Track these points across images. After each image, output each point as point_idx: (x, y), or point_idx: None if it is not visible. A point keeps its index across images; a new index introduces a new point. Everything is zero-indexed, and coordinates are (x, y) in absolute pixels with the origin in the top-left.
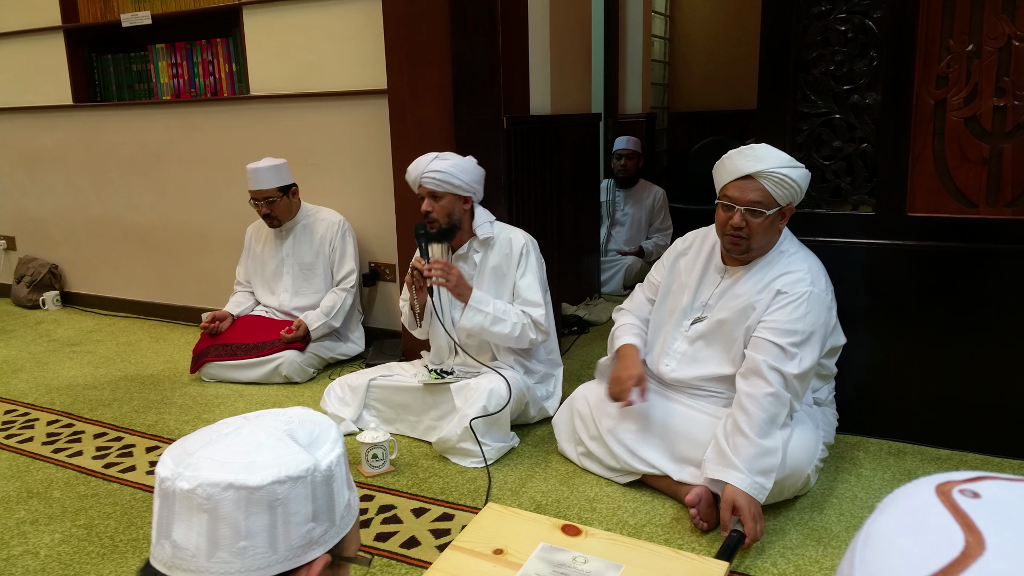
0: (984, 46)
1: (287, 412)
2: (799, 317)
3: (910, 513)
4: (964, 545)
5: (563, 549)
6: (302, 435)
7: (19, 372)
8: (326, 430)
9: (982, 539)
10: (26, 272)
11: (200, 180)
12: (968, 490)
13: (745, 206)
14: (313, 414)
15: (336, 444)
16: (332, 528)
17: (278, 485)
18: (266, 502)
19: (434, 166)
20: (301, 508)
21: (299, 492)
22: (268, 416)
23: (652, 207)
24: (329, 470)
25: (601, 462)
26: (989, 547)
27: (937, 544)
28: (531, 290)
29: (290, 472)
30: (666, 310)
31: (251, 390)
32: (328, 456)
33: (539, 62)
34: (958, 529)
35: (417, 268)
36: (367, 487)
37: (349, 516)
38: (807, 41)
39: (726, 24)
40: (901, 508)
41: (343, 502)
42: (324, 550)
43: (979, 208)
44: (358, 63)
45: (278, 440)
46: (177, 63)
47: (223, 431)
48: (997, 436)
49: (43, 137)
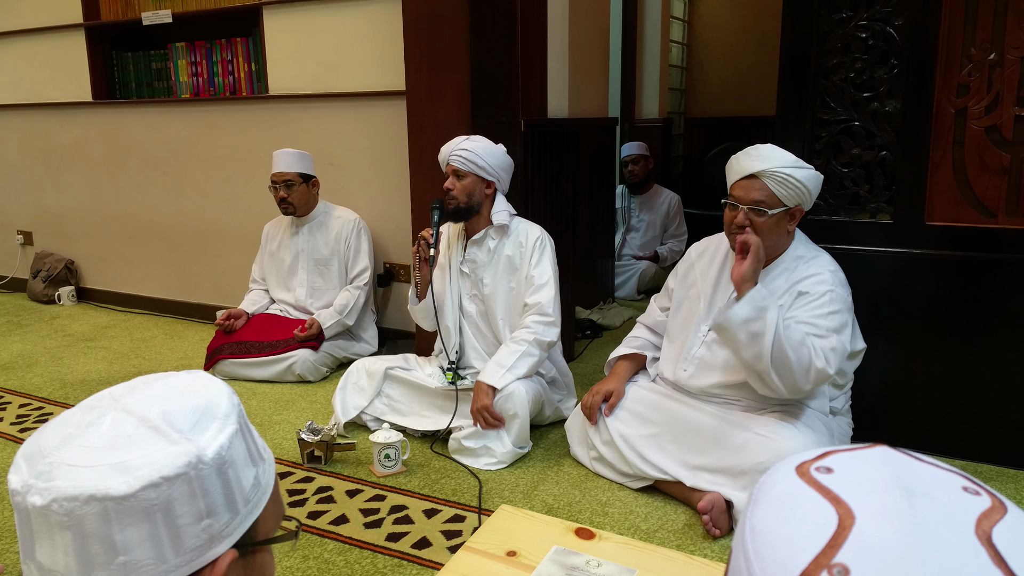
0: (1006, 55)
1: (167, 384)
2: (823, 315)
3: (783, 499)
4: (838, 519)
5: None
6: (181, 419)
7: (34, 366)
8: (213, 405)
9: (850, 509)
10: (42, 267)
11: (218, 178)
12: (822, 467)
13: (748, 205)
14: (199, 385)
15: (227, 421)
16: (236, 518)
17: (150, 490)
18: (140, 511)
19: (463, 145)
20: (188, 508)
21: (181, 492)
22: (140, 394)
23: (667, 213)
24: (219, 457)
25: (613, 467)
26: (858, 515)
27: (816, 523)
28: (542, 276)
29: (164, 472)
30: (682, 317)
31: (264, 388)
32: (216, 440)
33: (557, 65)
34: (828, 505)
35: (424, 237)
36: (379, 487)
37: (258, 495)
38: (827, 48)
39: (744, 30)
40: (774, 496)
41: (247, 484)
42: (230, 544)
43: (998, 218)
44: (377, 64)
45: (150, 430)
46: (197, 62)
47: (85, 419)
48: (1014, 447)
49: (62, 134)
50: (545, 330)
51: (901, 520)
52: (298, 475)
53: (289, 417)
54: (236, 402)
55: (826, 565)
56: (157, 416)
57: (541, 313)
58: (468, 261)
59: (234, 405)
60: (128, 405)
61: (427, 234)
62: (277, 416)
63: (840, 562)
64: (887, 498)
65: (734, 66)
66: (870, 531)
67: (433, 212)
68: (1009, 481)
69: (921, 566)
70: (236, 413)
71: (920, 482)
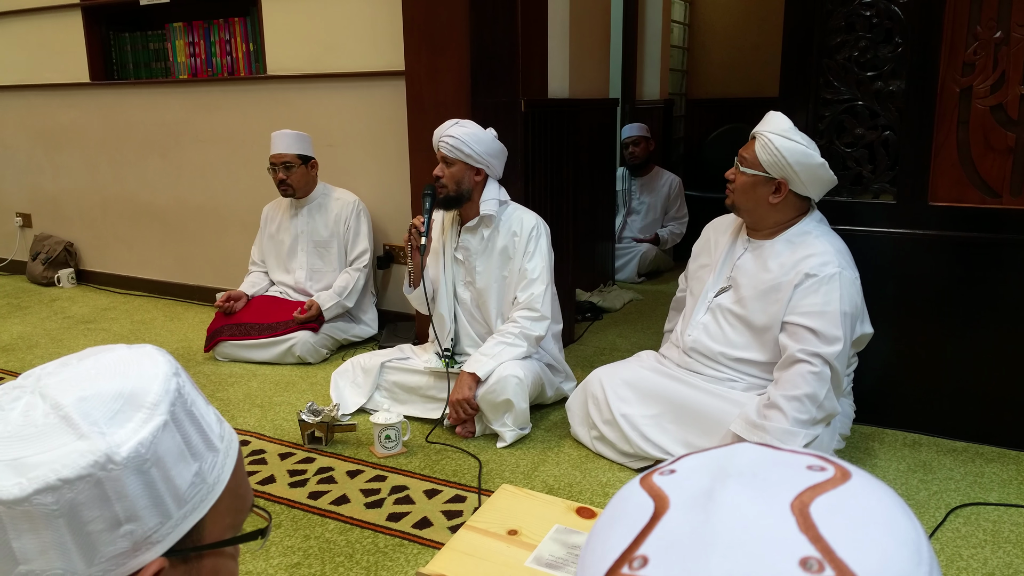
0: (1012, 33)
1: (100, 362)
2: (831, 299)
3: (614, 505)
4: (652, 510)
5: (578, 531)
6: (97, 408)
7: (34, 348)
8: (141, 391)
9: (667, 500)
10: (41, 249)
11: (216, 160)
12: (667, 470)
13: (738, 159)
14: (132, 364)
15: (154, 411)
16: (168, 522)
17: (46, 494)
18: (37, 516)
19: (450, 131)
20: (99, 513)
21: (87, 495)
22: (65, 374)
23: (668, 195)
24: (137, 456)
25: (614, 447)
26: (672, 503)
27: (630, 519)
28: (535, 269)
29: (64, 473)
30: (696, 288)
31: (265, 370)
32: (136, 434)
33: (558, 45)
34: (649, 500)
35: (415, 225)
36: (380, 468)
37: (200, 494)
38: (831, 27)
39: (746, 10)
40: (610, 504)
41: (182, 483)
42: (162, 550)
43: (1003, 198)
44: (376, 44)
45: (59, 420)
46: (194, 42)
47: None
48: (1015, 429)
49: (60, 115)
50: (532, 325)
51: (707, 503)
52: (299, 456)
53: (290, 398)
54: (174, 386)
55: (630, 558)
56: (71, 403)
57: (530, 308)
58: (462, 248)
59: (168, 391)
60: (45, 387)
61: (418, 222)
62: (278, 397)
63: (641, 553)
64: (702, 484)
65: (736, 46)
66: (675, 519)
67: (425, 199)
68: (1011, 462)
69: (714, 545)
70: (169, 400)
71: (752, 466)
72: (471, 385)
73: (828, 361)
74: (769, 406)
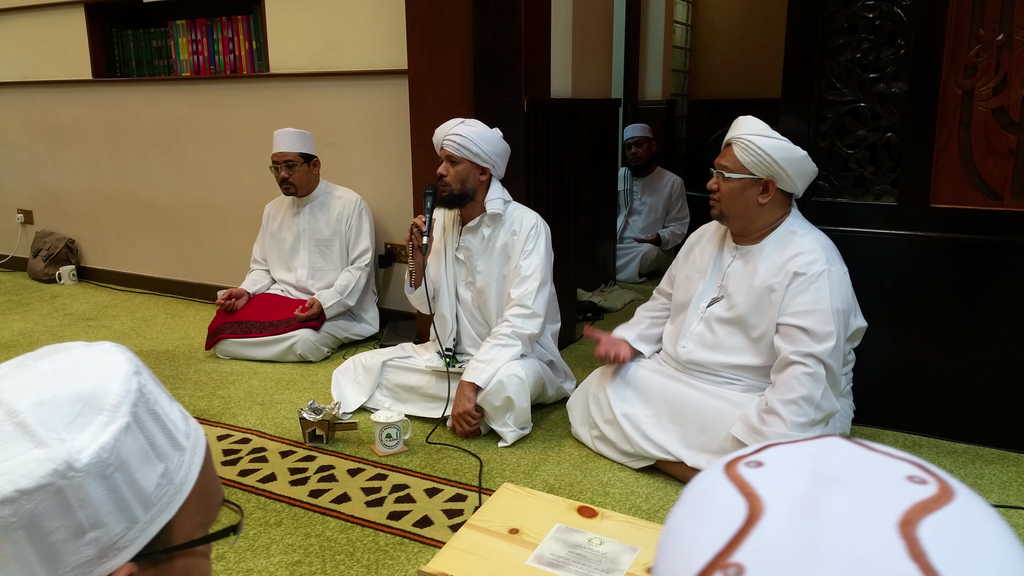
0: (1015, 35)
1: (58, 362)
2: (821, 297)
3: (699, 496)
4: (746, 513)
5: (579, 530)
6: (55, 413)
7: (35, 345)
8: (101, 393)
9: (761, 502)
10: (43, 246)
11: (218, 158)
12: (752, 461)
13: (717, 169)
14: (91, 364)
15: (115, 413)
16: (135, 526)
17: (3, 507)
18: None
19: (457, 130)
20: (61, 523)
21: (47, 506)
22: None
23: (669, 196)
24: (99, 461)
25: (615, 446)
26: (768, 507)
27: (722, 518)
28: (529, 267)
29: (21, 484)
30: (683, 296)
31: (266, 367)
32: (98, 439)
33: (561, 45)
34: (741, 499)
35: (416, 225)
36: (380, 466)
37: (168, 495)
38: (833, 28)
39: (749, 11)
40: (693, 493)
41: (148, 485)
42: (130, 555)
43: (1004, 200)
44: (379, 43)
45: (15, 427)
46: (197, 40)
47: None
48: (1015, 431)
49: (62, 112)
50: (524, 323)
51: (810, 513)
52: (300, 454)
53: (291, 397)
54: (135, 385)
55: (723, 564)
56: (28, 408)
57: (521, 304)
58: (463, 248)
59: (129, 391)
60: (1, 391)
61: (419, 221)
62: (279, 396)
63: (737, 561)
64: (802, 490)
65: (738, 47)
66: (774, 526)
67: (426, 198)
68: (1011, 464)
69: (819, 563)
70: (130, 401)
71: (850, 472)
72: (471, 396)
73: (822, 360)
74: (767, 411)
